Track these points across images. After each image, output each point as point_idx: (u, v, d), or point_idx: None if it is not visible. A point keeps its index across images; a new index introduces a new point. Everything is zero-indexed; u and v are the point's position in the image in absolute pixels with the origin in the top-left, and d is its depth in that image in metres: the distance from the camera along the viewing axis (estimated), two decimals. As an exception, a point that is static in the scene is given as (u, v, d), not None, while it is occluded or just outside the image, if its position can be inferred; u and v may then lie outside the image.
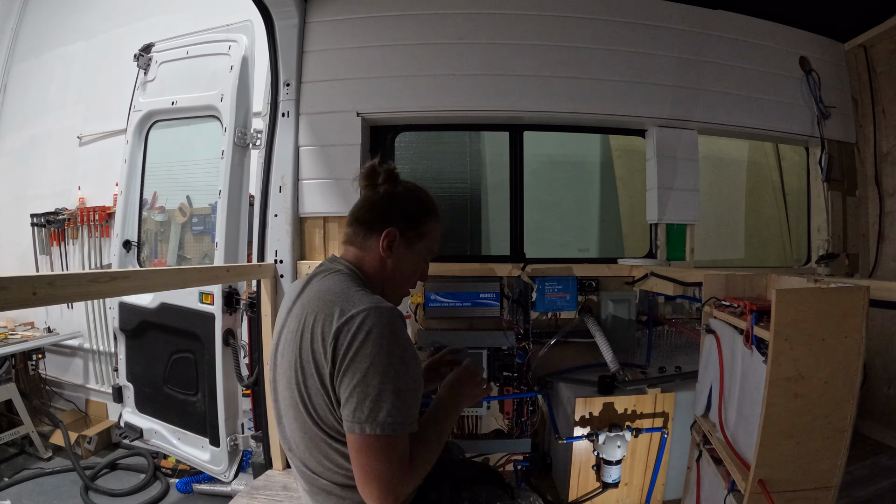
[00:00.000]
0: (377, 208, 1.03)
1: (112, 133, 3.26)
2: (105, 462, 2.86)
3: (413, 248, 1.05)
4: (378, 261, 1.03)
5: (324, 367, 0.86)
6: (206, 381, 2.16)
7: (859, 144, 2.33)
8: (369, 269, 1.03)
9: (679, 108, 2.05)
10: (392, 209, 1.03)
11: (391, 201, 1.04)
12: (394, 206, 1.04)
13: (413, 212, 1.05)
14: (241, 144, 2.10)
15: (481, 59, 1.97)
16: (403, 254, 1.04)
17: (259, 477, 1.99)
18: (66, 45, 3.58)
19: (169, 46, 2.36)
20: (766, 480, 0.96)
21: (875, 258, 2.28)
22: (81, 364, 3.47)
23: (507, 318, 1.99)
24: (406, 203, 1.05)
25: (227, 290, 2.10)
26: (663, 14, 2.04)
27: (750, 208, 2.59)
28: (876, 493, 1.57)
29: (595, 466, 1.72)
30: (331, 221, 2.02)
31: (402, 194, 1.06)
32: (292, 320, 0.95)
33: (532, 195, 2.18)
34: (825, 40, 2.30)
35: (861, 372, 0.91)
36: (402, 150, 2.21)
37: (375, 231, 1.01)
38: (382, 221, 1.02)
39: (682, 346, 1.94)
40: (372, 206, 1.04)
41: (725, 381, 1.21)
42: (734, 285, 1.26)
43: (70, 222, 3.34)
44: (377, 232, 1.01)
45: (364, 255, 1.03)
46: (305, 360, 0.88)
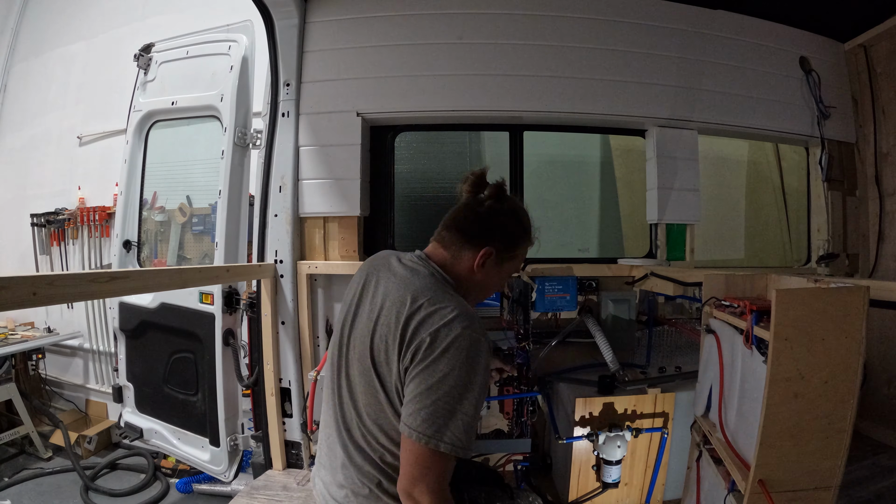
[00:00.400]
0: (480, 223, 1.06)
1: (112, 133, 3.26)
2: (105, 462, 2.86)
3: (502, 266, 1.09)
4: (468, 271, 1.06)
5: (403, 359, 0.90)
6: (206, 381, 2.17)
7: (859, 144, 2.33)
8: (457, 276, 1.06)
9: (679, 108, 2.05)
10: (495, 228, 1.06)
11: (495, 219, 1.06)
12: (497, 225, 1.06)
13: (514, 234, 1.09)
14: (241, 144, 2.10)
15: (481, 59, 1.97)
16: (493, 271, 1.07)
17: (259, 477, 1.99)
18: (66, 45, 3.58)
19: (169, 46, 2.36)
20: (766, 480, 0.96)
21: (875, 258, 2.28)
22: (81, 364, 3.47)
23: (507, 318, 1.99)
24: (510, 225, 1.08)
25: (227, 290, 2.10)
26: (663, 14, 2.04)
27: (750, 208, 2.59)
28: (876, 493, 1.57)
29: (595, 466, 1.72)
30: (331, 221, 2.02)
31: (507, 214, 1.08)
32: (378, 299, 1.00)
33: (532, 195, 2.18)
34: (825, 40, 2.30)
35: (861, 372, 0.91)
36: (402, 150, 2.20)
37: (473, 245, 1.04)
38: (482, 237, 1.04)
39: (682, 346, 1.93)
40: (476, 219, 1.06)
41: (725, 381, 1.21)
42: (734, 285, 1.26)
43: (70, 222, 3.35)
44: (475, 246, 1.04)
45: (455, 262, 1.06)
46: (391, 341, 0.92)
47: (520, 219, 1.12)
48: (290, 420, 2.03)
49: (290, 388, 2.01)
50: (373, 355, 0.96)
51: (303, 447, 2.03)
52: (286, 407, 2.03)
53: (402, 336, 0.90)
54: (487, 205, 1.07)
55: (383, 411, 0.96)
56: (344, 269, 1.98)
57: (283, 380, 2.02)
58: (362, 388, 0.99)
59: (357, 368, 1.01)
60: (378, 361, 0.95)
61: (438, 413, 0.84)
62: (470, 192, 1.10)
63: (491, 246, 1.04)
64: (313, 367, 1.88)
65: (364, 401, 1.00)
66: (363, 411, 1.00)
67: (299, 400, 2.01)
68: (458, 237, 1.06)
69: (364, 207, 2.02)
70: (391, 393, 0.94)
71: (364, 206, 2.01)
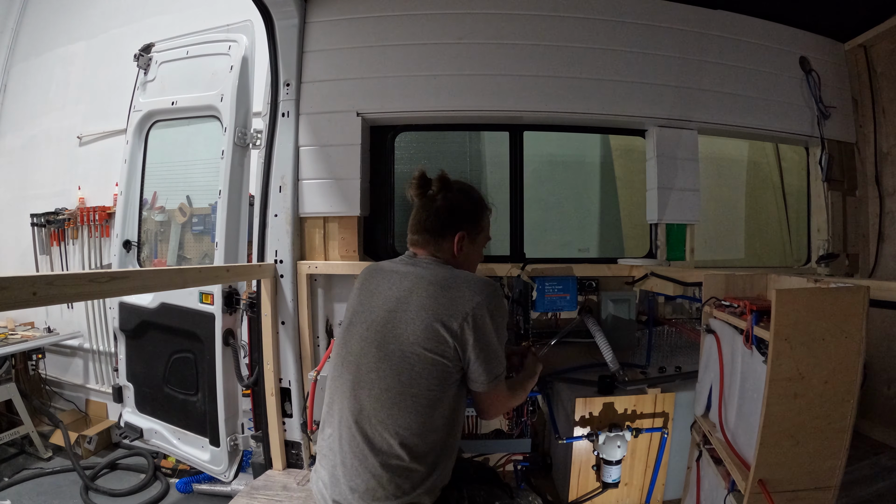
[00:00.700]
0: (443, 217, 1.19)
1: (112, 133, 3.26)
2: (105, 462, 2.86)
3: (476, 241, 1.25)
4: (452, 259, 1.20)
5: (452, 340, 1.05)
6: (206, 381, 2.17)
7: (859, 144, 2.33)
8: (446, 262, 1.20)
9: (679, 108, 2.05)
10: (456, 215, 1.20)
11: (453, 208, 1.20)
12: (456, 212, 1.20)
13: (473, 212, 1.24)
14: (241, 144, 2.10)
15: (481, 59, 1.97)
16: (470, 248, 1.23)
17: (259, 477, 1.99)
18: (66, 45, 3.58)
19: (169, 46, 2.36)
20: (766, 480, 0.96)
21: (875, 258, 2.28)
22: (81, 364, 3.47)
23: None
24: (466, 205, 1.23)
25: (227, 290, 2.10)
26: (663, 14, 2.04)
27: (750, 208, 2.58)
28: (876, 493, 1.57)
29: (595, 466, 1.72)
30: (331, 221, 2.02)
31: (461, 199, 1.22)
32: (402, 297, 1.11)
33: (532, 195, 2.18)
34: (825, 40, 2.30)
35: (861, 372, 0.91)
36: (402, 150, 2.20)
37: (447, 236, 1.19)
38: (452, 227, 1.19)
39: (682, 346, 1.93)
40: (438, 215, 1.19)
41: (725, 381, 1.21)
42: (734, 285, 1.26)
43: (70, 222, 3.34)
44: (449, 237, 1.19)
45: (439, 253, 1.20)
46: (431, 338, 1.05)
47: (471, 196, 1.25)
48: (290, 420, 2.03)
49: (290, 388, 2.01)
50: (416, 339, 1.06)
51: (303, 447, 2.03)
52: (286, 407, 2.03)
53: (447, 324, 1.05)
54: (440, 199, 1.19)
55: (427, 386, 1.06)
56: (344, 269, 1.98)
57: (283, 380, 2.02)
58: (393, 377, 1.06)
59: (392, 358, 1.07)
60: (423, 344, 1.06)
61: (493, 360, 1.09)
62: (419, 194, 1.22)
63: (461, 230, 1.19)
64: (313, 367, 1.88)
65: (391, 389, 1.06)
66: (384, 404, 1.06)
67: (299, 400, 2.01)
68: (429, 237, 1.20)
69: (364, 207, 2.02)
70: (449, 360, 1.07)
71: (364, 206, 2.01)
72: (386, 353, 1.07)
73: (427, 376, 1.05)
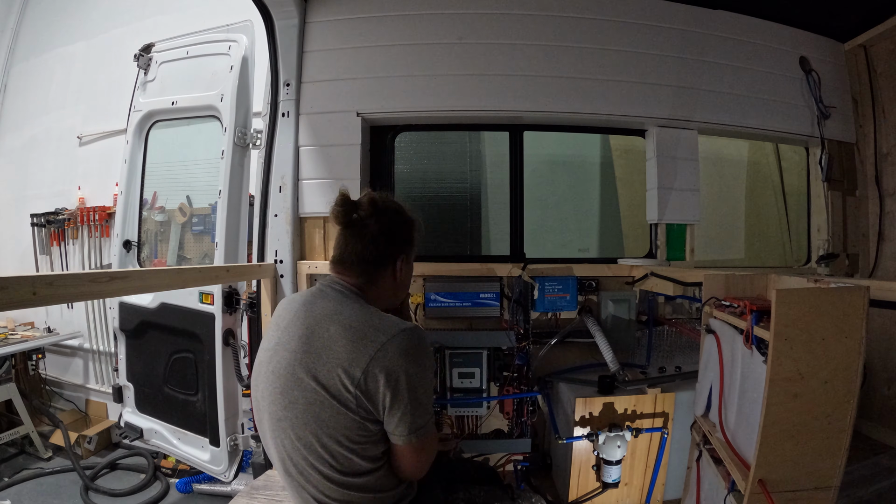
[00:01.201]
0: (381, 245, 1.07)
1: (112, 133, 3.26)
2: (105, 462, 2.86)
3: (410, 259, 1.17)
4: (391, 284, 1.11)
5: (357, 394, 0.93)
6: (206, 381, 2.16)
7: (859, 144, 2.33)
8: (380, 291, 1.10)
9: (679, 108, 2.05)
10: (394, 240, 1.09)
11: (390, 233, 1.09)
12: (394, 236, 1.09)
13: (409, 231, 1.14)
14: (241, 144, 2.10)
15: (481, 59, 1.97)
16: (407, 269, 1.16)
17: (259, 477, 1.99)
18: (66, 45, 3.58)
19: (169, 46, 2.36)
20: (766, 480, 0.96)
21: (875, 258, 2.28)
22: (81, 364, 3.47)
23: (507, 318, 1.99)
24: (402, 229, 1.12)
25: (227, 290, 2.10)
26: (663, 14, 2.04)
27: (750, 208, 2.59)
28: (876, 493, 1.56)
29: (595, 466, 1.72)
30: (331, 221, 2.02)
31: (395, 220, 1.11)
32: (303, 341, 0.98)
33: (532, 195, 2.18)
34: (825, 40, 2.30)
35: (861, 372, 0.91)
36: (402, 150, 2.21)
37: (387, 265, 1.09)
38: (391, 254, 1.09)
39: (682, 346, 1.94)
40: (375, 243, 1.07)
41: (725, 381, 1.21)
42: (734, 285, 1.26)
43: (70, 222, 3.34)
44: (389, 265, 1.09)
45: (374, 282, 1.09)
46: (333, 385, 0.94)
47: (402, 217, 1.14)
48: (290, 420, 2.03)
49: (290, 388, 2.01)
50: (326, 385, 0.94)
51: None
52: (286, 407, 2.03)
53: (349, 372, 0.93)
54: (372, 223, 1.07)
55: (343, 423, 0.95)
56: (344, 269, 1.97)
57: (283, 380, 2.01)
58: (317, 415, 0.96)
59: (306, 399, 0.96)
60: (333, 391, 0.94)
61: (418, 411, 0.97)
62: (343, 220, 1.09)
63: (401, 255, 1.11)
64: (313, 367, 1.88)
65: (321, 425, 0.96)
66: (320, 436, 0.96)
67: (299, 400, 2.00)
68: (366, 267, 1.07)
69: (364, 207, 2.01)
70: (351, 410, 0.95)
71: (364, 206, 2.01)
72: (291, 400, 0.96)
73: (339, 425, 0.94)
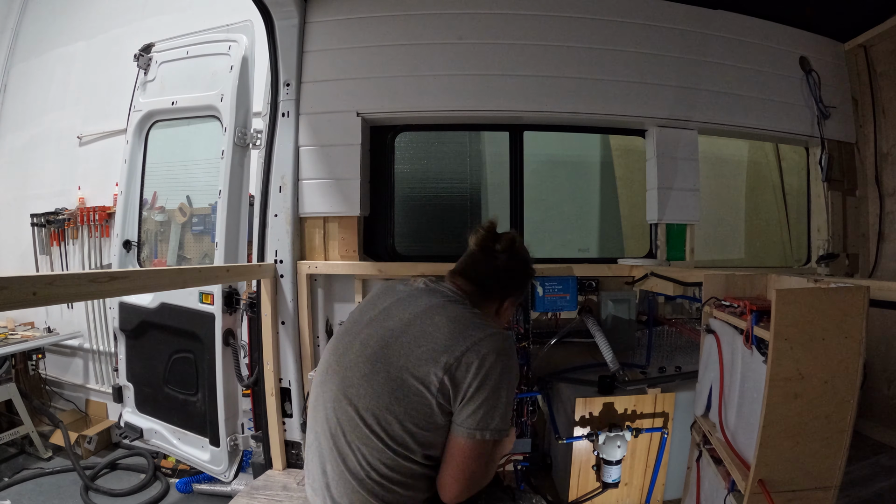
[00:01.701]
0: (502, 279, 1.16)
1: (112, 133, 3.26)
2: (105, 462, 2.86)
3: (515, 304, 1.22)
4: (492, 316, 1.16)
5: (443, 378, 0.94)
6: (206, 381, 2.17)
7: (859, 144, 2.33)
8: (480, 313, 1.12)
9: (679, 108, 2.05)
10: (513, 281, 1.18)
11: (514, 273, 1.18)
12: (515, 278, 1.19)
13: (526, 280, 1.23)
14: (241, 144, 2.10)
15: (481, 59, 1.97)
16: (509, 310, 1.21)
17: (259, 477, 1.99)
18: (66, 45, 3.58)
19: (169, 46, 2.36)
20: (766, 480, 0.96)
21: (875, 258, 2.28)
22: (81, 364, 3.47)
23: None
24: (523, 276, 1.22)
25: (227, 290, 2.10)
26: (663, 14, 2.04)
27: (750, 208, 2.58)
28: (876, 493, 1.57)
29: (595, 466, 1.72)
30: (331, 221, 2.02)
31: (522, 266, 1.20)
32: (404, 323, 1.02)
33: (532, 195, 2.18)
34: (825, 40, 2.30)
35: (861, 372, 0.91)
36: (402, 150, 2.20)
37: (495, 298, 1.16)
38: (505, 291, 1.16)
39: (682, 346, 1.93)
40: (497, 275, 1.15)
41: (725, 381, 1.21)
42: (734, 285, 1.26)
43: (70, 222, 3.34)
44: (497, 298, 1.16)
45: (479, 307, 1.11)
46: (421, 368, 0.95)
47: (529, 269, 1.24)
48: (290, 420, 2.03)
49: (290, 388, 2.01)
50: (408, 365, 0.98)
51: (303, 447, 2.03)
52: (286, 407, 2.03)
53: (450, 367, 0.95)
54: (503, 258, 1.16)
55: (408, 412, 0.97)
56: (344, 269, 1.98)
57: (283, 380, 2.02)
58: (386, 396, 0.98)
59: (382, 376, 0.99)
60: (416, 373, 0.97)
61: (496, 408, 0.96)
62: (482, 245, 1.17)
63: (511, 296, 1.18)
64: (313, 367, 1.88)
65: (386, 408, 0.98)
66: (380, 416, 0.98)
67: (299, 400, 2.01)
68: (478, 289, 1.13)
69: (364, 207, 2.02)
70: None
71: (364, 206, 2.01)
72: (374, 370, 1.00)
73: (409, 406, 0.96)
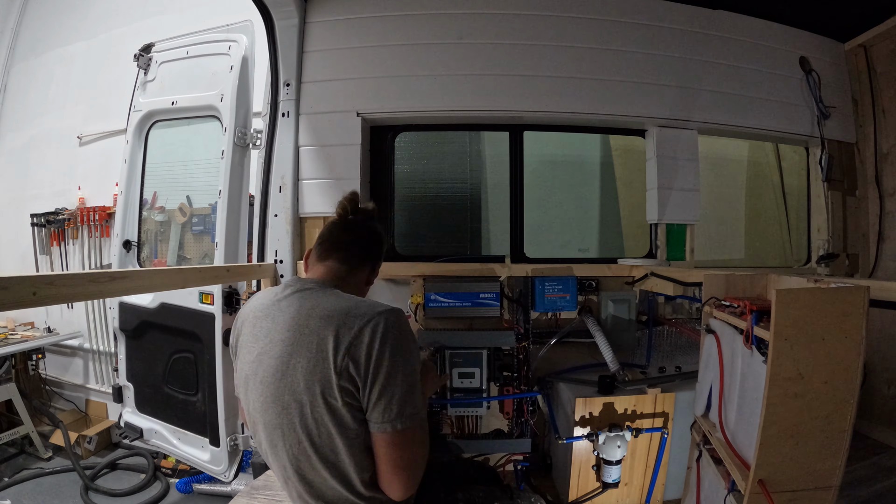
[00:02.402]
0: (367, 245, 1.17)
1: (112, 133, 3.26)
2: (105, 462, 2.86)
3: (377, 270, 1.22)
4: (361, 286, 1.16)
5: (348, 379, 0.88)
6: (206, 381, 2.16)
7: (859, 144, 2.33)
8: (353, 288, 1.11)
9: (679, 108, 2.05)
10: (376, 247, 1.19)
11: (378, 239, 1.19)
12: (378, 244, 1.19)
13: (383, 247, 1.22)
14: (241, 144, 2.10)
15: (481, 59, 1.97)
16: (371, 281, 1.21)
17: (259, 477, 1.98)
18: (66, 45, 3.58)
19: (169, 46, 2.36)
20: (766, 480, 0.96)
21: (875, 258, 2.28)
22: (81, 364, 3.46)
23: (507, 318, 1.99)
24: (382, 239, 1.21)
25: (227, 290, 2.09)
26: (663, 14, 2.04)
27: (750, 208, 2.58)
28: (876, 493, 1.57)
29: (595, 466, 1.72)
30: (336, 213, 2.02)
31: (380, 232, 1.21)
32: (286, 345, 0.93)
33: (532, 195, 2.18)
34: (825, 40, 2.30)
35: (861, 372, 0.91)
36: (402, 150, 2.20)
37: (364, 266, 1.16)
38: (371, 258, 1.17)
39: (682, 346, 1.93)
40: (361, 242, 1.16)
41: (725, 381, 1.21)
42: (734, 285, 1.26)
43: (70, 222, 3.34)
44: (367, 266, 1.16)
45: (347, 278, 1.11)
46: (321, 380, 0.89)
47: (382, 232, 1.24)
48: (290, 420, 2.03)
49: (290, 388, 2.01)
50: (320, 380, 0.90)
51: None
52: (286, 407, 2.03)
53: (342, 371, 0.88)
54: (365, 226, 1.18)
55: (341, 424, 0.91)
56: (344, 269, 1.97)
57: (283, 380, 2.01)
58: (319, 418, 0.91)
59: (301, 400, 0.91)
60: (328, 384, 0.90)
61: (395, 397, 0.88)
62: (341, 214, 1.19)
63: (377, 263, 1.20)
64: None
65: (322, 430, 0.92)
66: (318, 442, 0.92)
67: (299, 400, 2.00)
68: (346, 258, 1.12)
69: (364, 207, 2.01)
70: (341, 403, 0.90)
71: (364, 206, 2.01)
72: (283, 406, 0.92)
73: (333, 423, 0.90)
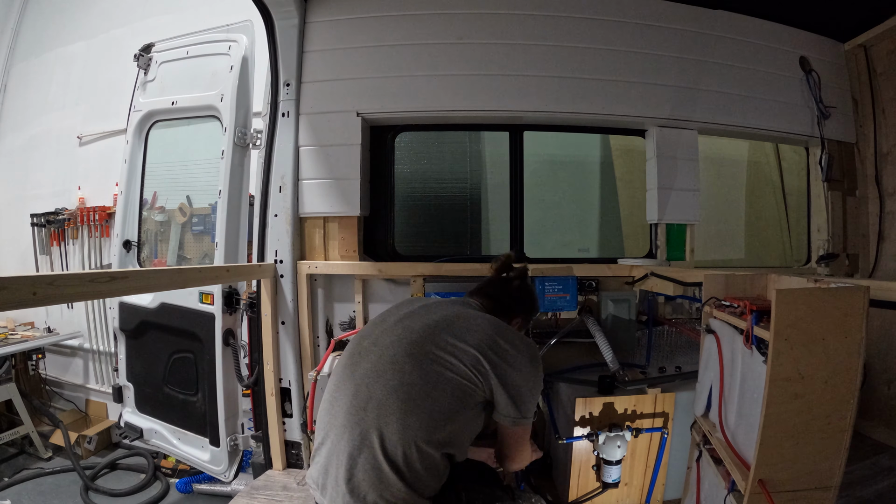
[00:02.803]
0: (516, 299, 1.36)
1: (112, 133, 3.26)
2: (105, 462, 2.86)
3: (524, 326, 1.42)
4: None
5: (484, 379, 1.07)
6: (206, 381, 2.17)
7: (859, 144, 2.33)
8: None
9: (679, 108, 2.05)
10: (524, 303, 1.39)
11: (525, 297, 1.40)
12: (526, 301, 1.40)
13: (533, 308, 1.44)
14: (241, 144, 2.10)
15: (481, 59, 1.97)
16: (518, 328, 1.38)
17: (259, 477, 1.99)
18: (66, 45, 3.58)
19: (169, 46, 2.36)
20: (766, 480, 0.96)
21: (875, 258, 2.28)
22: (81, 364, 3.47)
23: (507, 318, 1.99)
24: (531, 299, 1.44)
25: (227, 290, 2.10)
26: (663, 14, 2.04)
27: (750, 208, 2.59)
28: (876, 493, 1.57)
29: (595, 466, 1.72)
30: (331, 221, 2.02)
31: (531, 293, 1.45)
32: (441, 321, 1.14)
33: (532, 195, 2.18)
34: (825, 40, 2.30)
35: (861, 372, 0.91)
36: (402, 150, 2.21)
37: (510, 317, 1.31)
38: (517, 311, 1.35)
39: (682, 346, 1.93)
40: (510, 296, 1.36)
41: (725, 381, 1.21)
42: (734, 285, 1.26)
43: (70, 222, 3.34)
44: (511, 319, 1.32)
45: None
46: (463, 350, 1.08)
47: (535, 300, 1.47)
48: (290, 420, 2.03)
49: (290, 388, 2.01)
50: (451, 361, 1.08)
51: (303, 447, 2.03)
52: (286, 407, 2.03)
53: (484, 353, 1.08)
54: (517, 283, 1.39)
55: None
56: (344, 269, 1.98)
57: (283, 380, 2.02)
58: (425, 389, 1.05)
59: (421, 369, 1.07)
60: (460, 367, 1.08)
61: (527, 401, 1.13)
62: (497, 272, 1.42)
63: (521, 317, 1.37)
64: (313, 367, 1.88)
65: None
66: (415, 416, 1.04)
67: (299, 400, 2.01)
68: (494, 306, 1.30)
69: (364, 207, 2.02)
70: None
71: (364, 206, 2.01)
72: (414, 352, 1.08)
73: (448, 386, 1.04)
